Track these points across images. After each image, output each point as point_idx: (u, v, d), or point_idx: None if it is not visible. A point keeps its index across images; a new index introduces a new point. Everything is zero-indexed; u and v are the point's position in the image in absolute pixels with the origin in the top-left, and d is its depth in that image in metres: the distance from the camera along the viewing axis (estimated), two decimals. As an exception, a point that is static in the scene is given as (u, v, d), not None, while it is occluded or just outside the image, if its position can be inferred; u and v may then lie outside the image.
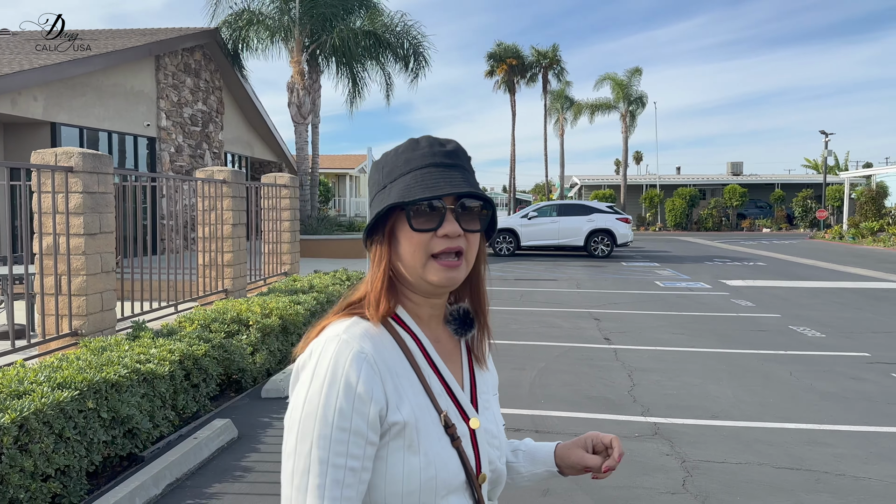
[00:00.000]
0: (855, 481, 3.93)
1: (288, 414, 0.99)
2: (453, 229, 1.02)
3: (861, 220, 29.08)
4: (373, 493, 0.99)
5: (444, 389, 1.07)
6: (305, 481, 0.94)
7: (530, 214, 20.53)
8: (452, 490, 1.02)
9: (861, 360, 7.02)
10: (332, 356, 0.97)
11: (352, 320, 1.05)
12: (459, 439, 1.04)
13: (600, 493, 3.71)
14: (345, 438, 0.95)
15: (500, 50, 38.60)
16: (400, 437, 0.99)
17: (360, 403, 0.96)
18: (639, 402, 5.43)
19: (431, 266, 1.03)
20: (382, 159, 1.10)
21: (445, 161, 1.05)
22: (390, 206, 1.03)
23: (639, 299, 11.45)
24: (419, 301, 1.08)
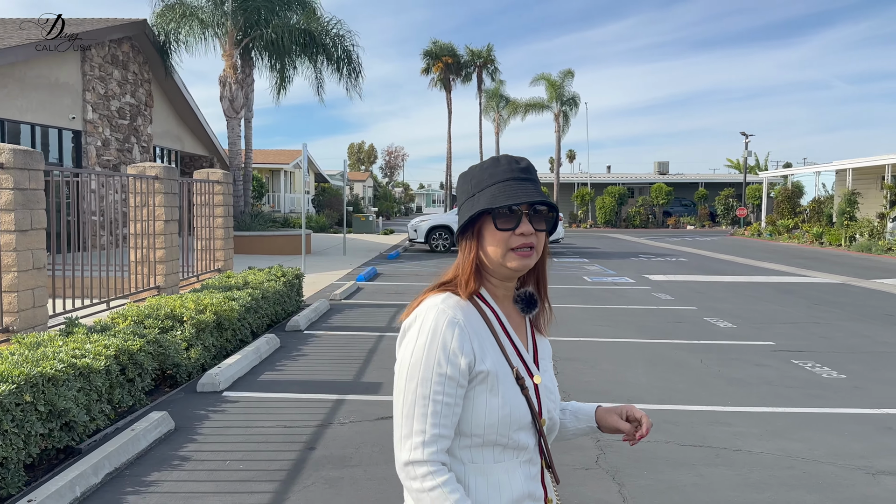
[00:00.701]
0: (749, 455, 4.36)
1: (398, 363, 1.33)
2: (528, 229, 1.34)
3: (778, 217, 30.74)
4: (463, 424, 1.31)
5: (514, 352, 1.39)
6: (412, 411, 1.28)
7: (465, 211, 20.90)
8: (522, 427, 1.34)
9: (766, 348, 7.60)
10: (432, 320, 1.31)
11: (445, 294, 1.36)
12: (527, 389, 1.36)
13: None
14: (441, 381, 1.28)
15: (435, 48, 38.90)
16: (484, 382, 1.31)
17: (453, 356, 1.29)
18: (560, 389, 5.78)
19: (510, 255, 1.35)
20: (470, 173, 1.42)
21: (520, 176, 1.37)
22: (480, 211, 1.34)
23: (567, 293, 11.92)
24: (497, 284, 1.41)
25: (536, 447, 1.39)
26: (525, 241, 1.34)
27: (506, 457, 1.34)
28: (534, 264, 1.39)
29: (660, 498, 3.71)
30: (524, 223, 1.35)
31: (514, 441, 1.34)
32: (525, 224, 1.35)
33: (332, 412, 5.06)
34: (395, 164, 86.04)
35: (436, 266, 16.26)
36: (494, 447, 1.33)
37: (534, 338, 1.47)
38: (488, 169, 1.39)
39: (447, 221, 20.73)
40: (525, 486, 1.35)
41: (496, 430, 1.32)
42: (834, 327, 8.94)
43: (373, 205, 53.54)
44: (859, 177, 28.32)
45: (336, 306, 9.97)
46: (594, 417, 1.59)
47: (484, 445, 1.33)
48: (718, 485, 3.90)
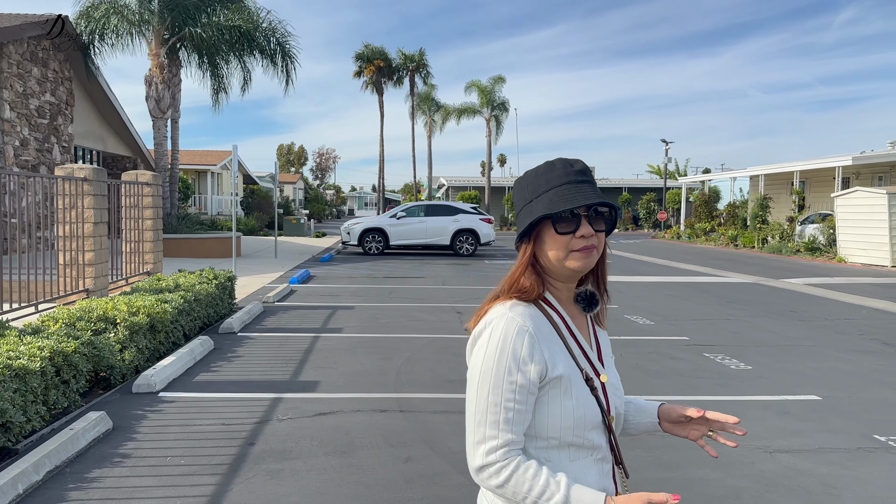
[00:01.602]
0: (662, 439, 4.74)
1: (470, 370, 1.37)
2: (588, 231, 1.37)
3: (696, 221, 32.25)
4: (539, 428, 1.36)
5: (581, 353, 1.43)
6: (484, 418, 1.32)
7: (399, 214, 21.08)
8: (594, 426, 1.38)
9: (681, 342, 8.13)
10: (502, 328, 1.34)
11: (512, 301, 1.39)
12: (597, 389, 1.40)
13: (453, 457, 4.26)
14: (512, 388, 1.32)
15: (367, 51, 38.95)
16: (557, 386, 1.35)
17: (523, 364, 1.32)
18: (492, 383, 6.07)
19: (572, 256, 1.37)
20: (525, 179, 1.44)
21: (577, 178, 1.38)
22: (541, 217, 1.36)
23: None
24: (559, 286, 1.44)
25: (607, 444, 1.43)
26: (586, 242, 1.36)
27: (580, 455, 1.38)
28: (594, 264, 1.41)
29: (581, 478, 4.03)
30: (584, 225, 1.36)
31: (588, 441, 1.38)
32: (585, 226, 1.36)
33: (270, 410, 5.18)
34: (327, 166, 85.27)
35: (370, 269, 16.39)
36: (570, 447, 1.37)
37: (595, 334, 1.51)
38: (544, 174, 1.41)
39: (380, 224, 20.87)
40: (599, 483, 1.39)
41: (572, 431, 1.36)
42: (743, 323, 9.60)
43: (304, 207, 52.94)
44: (771, 182, 30.09)
45: (270, 308, 9.99)
46: (657, 413, 1.58)
47: (560, 447, 1.37)
48: (633, 466, 4.25)
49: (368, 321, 9.12)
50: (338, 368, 6.51)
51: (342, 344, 7.62)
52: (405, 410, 5.24)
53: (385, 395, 5.62)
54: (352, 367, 6.55)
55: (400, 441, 4.55)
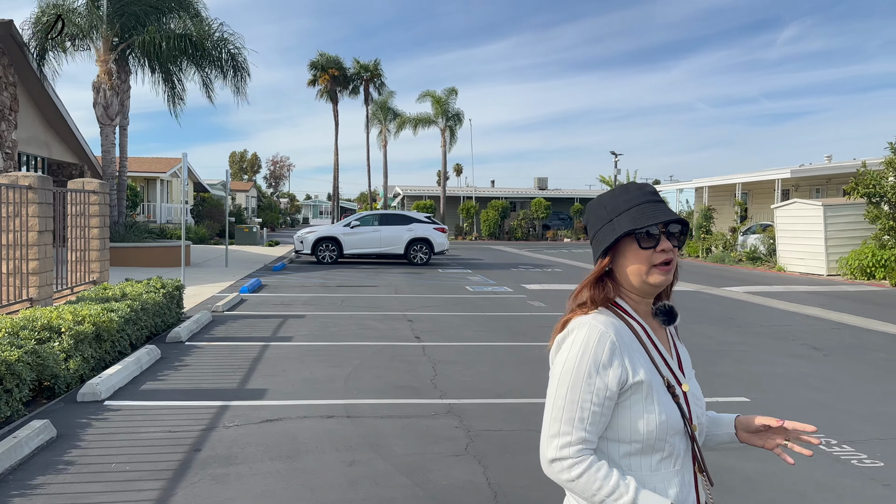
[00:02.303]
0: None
1: (553, 370, 1.46)
2: (667, 245, 1.47)
3: (644, 231, 33.04)
4: (621, 430, 1.43)
5: (662, 362, 1.49)
6: (560, 414, 1.40)
7: (353, 223, 21.12)
8: (676, 432, 1.44)
9: (622, 348, 8.44)
10: (584, 335, 1.42)
11: (597, 311, 1.48)
12: (677, 396, 1.47)
13: (397, 460, 4.40)
14: (591, 390, 1.40)
15: (322, 60, 38.91)
16: (639, 392, 1.42)
17: (603, 369, 1.40)
18: (438, 388, 6.24)
19: (653, 271, 1.46)
20: (603, 200, 1.54)
21: (652, 198, 1.49)
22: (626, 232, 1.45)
23: (450, 302, 12.47)
24: (638, 300, 1.52)
25: (689, 452, 1.47)
26: (666, 256, 1.46)
27: (662, 466, 1.44)
28: (671, 279, 1.51)
29: (518, 476, 4.22)
30: (664, 241, 1.46)
31: (670, 446, 1.43)
32: (664, 241, 1.46)
33: (216, 417, 5.23)
34: (281, 175, 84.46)
35: (323, 278, 16.39)
36: (653, 454, 1.43)
37: (676, 347, 1.58)
38: (621, 195, 1.51)
39: (334, 233, 20.87)
40: (680, 494, 1.44)
41: (655, 435, 1.41)
42: (683, 329, 9.98)
43: (256, 216, 52.33)
44: (715, 194, 31.09)
45: (219, 318, 9.96)
46: (733, 425, 1.63)
47: (643, 452, 1.43)
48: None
49: (319, 330, 9.18)
50: (286, 376, 6.58)
51: (292, 352, 7.68)
52: (352, 416, 5.36)
53: (333, 402, 5.72)
54: (300, 375, 6.63)
55: (346, 445, 4.67)
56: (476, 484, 4.07)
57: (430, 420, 5.28)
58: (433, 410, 5.55)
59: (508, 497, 3.90)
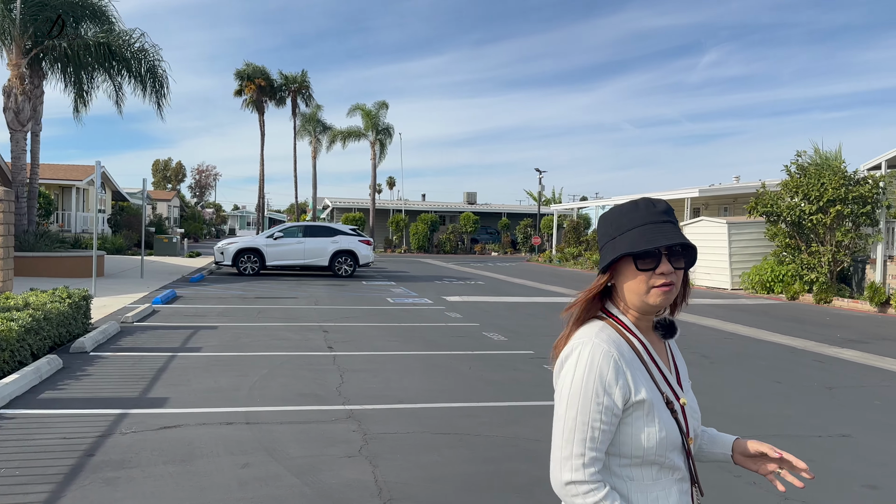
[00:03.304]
0: (486, 438, 5.29)
1: (558, 390, 1.48)
2: (667, 269, 1.45)
3: (566, 246, 34.10)
4: (623, 447, 1.46)
5: (661, 378, 1.52)
6: (572, 436, 1.42)
7: (276, 235, 20.98)
8: (674, 448, 1.48)
9: (526, 356, 8.82)
10: (588, 353, 1.44)
11: (600, 326, 1.50)
12: (677, 412, 1.50)
13: (290, 462, 4.58)
14: (599, 409, 1.41)
15: (248, 70, 38.48)
16: (640, 409, 1.44)
17: (609, 387, 1.42)
18: (343, 395, 6.43)
19: (653, 292, 1.46)
20: (609, 216, 1.54)
21: (659, 219, 1.47)
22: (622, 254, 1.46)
23: (369, 313, 12.64)
24: (639, 316, 1.53)
25: (686, 464, 1.51)
26: (665, 279, 1.45)
27: (662, 475, 1.48)
28: (673, 300, 1.52)
29: (406, 474, 4.46)
30: (664, 263, 1.44)
31: (669, 461, 1.47)
32: (665, 264, 1.45)
33: (113, 424, 5.27)
34: (206, 184, 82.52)
35: (242, 289, 16.26)
36: (652, 466, 1.47)
37: (674, 359, 1.61)
38: (627, 213, 1.49)
39: (256, 244, 20.68)
40: (680, 501, 1.49)
41: (654, 451, 1.45)
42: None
43: (179, 226, 50.98)
44: (632, 211, 32.35)
45: (127, 329, 9.83)
46: (730, 447, 1.66)
47: (643, 465, 1.46)
48: (455, 460, 4.74)
49: (230, 340, 9.20)
50: (190, 386, 6.62)
51: (199, 362, 7.71)
52: (251, 423, 5.48)
53: (234, 409, 5.83)
54: (205, 385, 6.69)
55: (241, 450, 4.81)
56: (364, 482, 4.29)
57: (329, 425, 5.47)
58: (334, 416, 5.74)
59: (393, 492, 4.14)
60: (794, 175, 18.07)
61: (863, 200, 16.73)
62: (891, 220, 17.01)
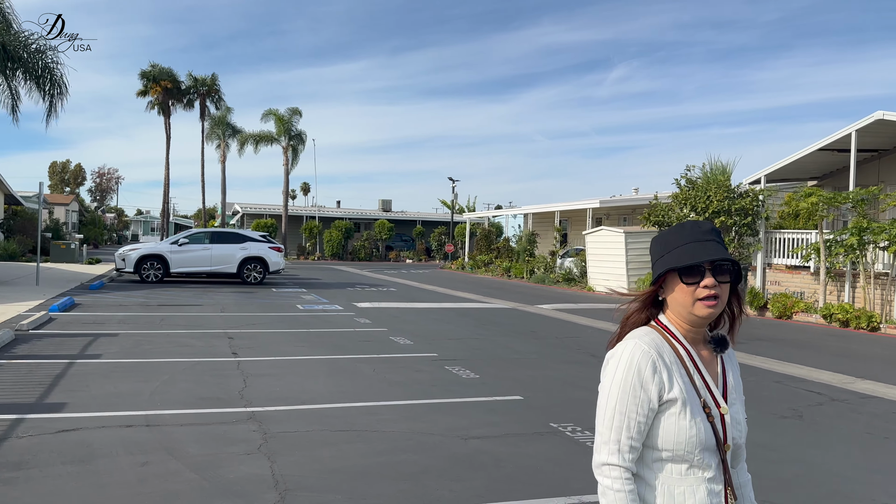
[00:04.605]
0: (383, 434, 5.63)
1: (602, 383, 1.66)
2: (710, 282, 1.62)
3: (478, 253, 34.92)
4: (655, 440, 1.62)
5: (703, 384, 1.66)
6: (611, 423, 1.61)
7: (181, 241, 20.54)
8: (707, 448, 1.61)
9: (430, 358, 9.22)
10: (629, 352, 1.63)
11: (645, 331, 1.68)
12: (713, 416, 1.63)
13: (190, 460, 4.76)
14: (636, 402, 1.60)
15: (154, 71, 37.34)
16: (674, 406, 1.60)
17: (646, 383, 1.60)
18: (245, 398, 6.61)
19: (698, 305, 1.63)
20: (661, 237, 1.73)
21: (704, 237, 1.66)
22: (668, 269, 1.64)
23: (277, 320, 12.71)
24: (689, 328, 1.69)
25: (720, 468, 1.63)
26: (709, 292, 1.61)
27: (691, 474, 1.60)
28: (719, 313, 1.66)
29: (303, 468, 4.74)
30: (707, 277, 1.61)
31: (699, 460, 1.60)
32: (709, 278, 1.61)
33: (9, 429, 5.26)
34: (108, 188, 78.94)
35: (145, 297, 15.90)
36: (682, 463, 1.60)
37: (725, 375, 1.73)
38: (675, 233, 1.69)
39: (160, 251, 20.19)
40: (707, 501, 1.60)
41: (684, 447, 1.59)
42: (488, 341, 11.01)
43: (78, 231, 48.59)
44: (540, 220, 33.61)
45: (23, 336, 9.55)
46: None
47: (673, 460, 1.61)
48: (351, 454, 5.06)
49: (132, 347, 9.13)
50: (89, 391, 6.62)
51: (98, 369, 7.66)
52: (152, 425, 5.60)
53: (134, 413, 5.91)
54: (104, 390, 6.70)
55: (140, 450, 4.94)
56: (261, 475, 4.54)
57: (229, 426, 5.66)
58: (235, 418, 5.93)
59: (288, 483, 4.41)
60: (683, 188, 19.39)
61: (744, 212, 18.18)
62: (769, 230, 18.58)
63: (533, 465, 5.03)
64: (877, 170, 19.10)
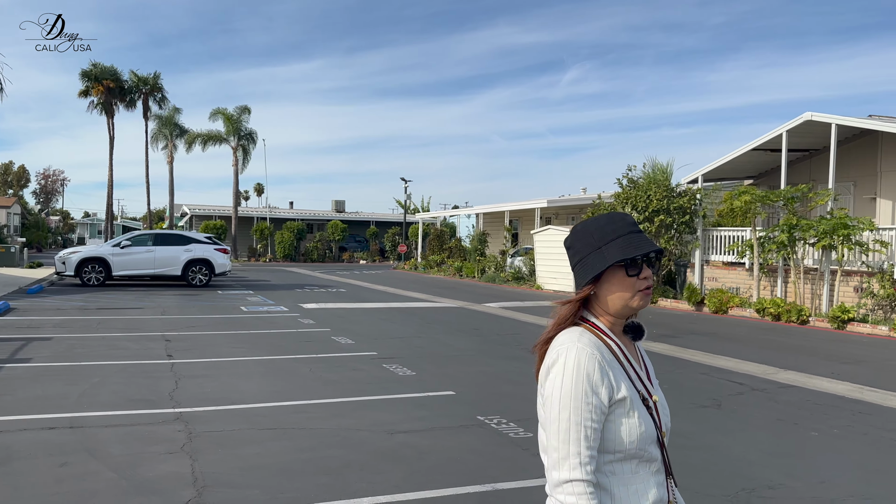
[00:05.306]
0: (310, 431, 5.71)
1: (549, 394, 1.56)
2: (649, 273, 1.62)
3: (431, 253, 35.07)
4: (608, 443, 1.56)
5: (636, 377, 1.64)
6: (567, 436, 1.51)
7: (123, 243, 20.14)
8: (652, 441, 1.60)
9: (369, 357, 9.30)
10: (575, 357, 1.55)
11: (580, 331, 1.61)
12: (651, 408, 1.62)
13: (111, 460, 4.77)
14: (589, 409, 1.53)
15: (96, 70, 36.39)
16: (622, 406, 1.56)
17: (596, 388, 1.54)
18: (175, 400, 6.60)
19: (637, 296, 1.62)
20: (589, 228, 1.65)
21: (634, 229, 1.63)
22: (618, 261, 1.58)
23: (218, 322, 12.61)
24: (614, 321, 1.66)
25: (662, 457, 1.64)
26: (648, 283, 1.61)
27: (641, 469, 1.59)
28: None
29: (224, 464, 4.80)
30: (645, 269, 1.61)
31: (648, 454, 1.59)
32: (646, 269, 1.62)
33: (-76, 436, 5.18)
34: (53, 190, 76.60)
35: (85, 301, 15.58)
36: (633, 460, 1.58)
37: (643, 359, 1.74)
38: (608, 225, 1.63)
39: (101, 253, 19.76)
40: (658, 493, 1.61)
41: (636, 445, 1.56)
42: (431, 339, 11.15)
43: (21, 235, 47.06)
44: (491, 220, 33.94)
45: (-50, 342, 9.31)
46: None
47: (625, 459, 1.57)
48: (275, 451, 5.13)
49: (64, 351, 8.99)
50: (15, 395, 6.53)
51: (27, 373, 7.54)
52: (75, 427, 5.57)
53: (58, 416, 5.87)
54: (31, 394, 6.62)
55: (61, 451, 4.93)
56: (181, 474, 4.58)
57: (155, 427, 5.67)
58: (162, 419, 5.93)
59: (206, 481, 4.46)
60: (625, 188, 19.88)
61: (683, 211, 18.75)
62: (707, 228, 19.19)
63: (454, 456, 5.18)
64: (808, 169, 19.91)
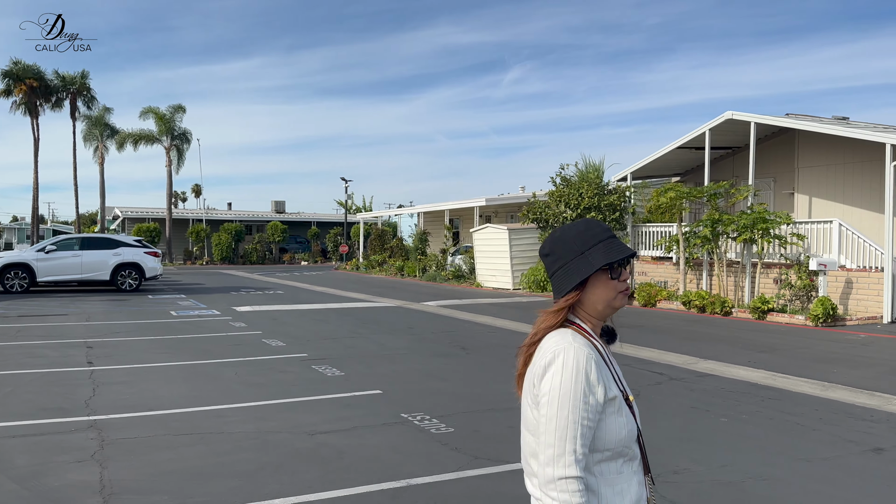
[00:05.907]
0: (228, 435, 5.64)
1: (546, 393, 1.58)
2: (627, 275, 1.71)
3: (372, 253, 34.94)
4: (598, 441, 1.59)
5: (618, 377, 1.69)
6: (564, 434, 1.54)
7: (48, 248, 19.39)
8: (634, 439, 1.65)
9: (299, 359, 9.23)
10: (573, 356, 1.58)
11: (571, 332, 1.65)
12: (632, 407, 1.68)
13: (15, 471, 4.63)
14: (587, 408, 1.56)
15: (17, 69, 34.82)
16: (612, 405, 1.60)
17: (594, 387, 1.58)
18: (90, 408, 6.42)
19: (619, 297, 1.68)
20: (571, 234, 1.70)
21: (612, 234, 1.69)
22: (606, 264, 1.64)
23: (144, 327, 12.29)
24: (596, 323, 1.71)
25: (641, 455, 1.69)
26: (626, 285, 1.69)
27: (625, 468, 1.64)
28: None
29: (134, 471, 4.71)
30: (625, 271, 1.70)
31: (632, 452, 1.64)
32: (625, 272, 1.70)
33: None
34: (-25, 194, 72.82)
35: (5, 308, 14.95)
36: (619, 459, 1.62)
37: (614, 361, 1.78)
38: (587, 231, 1.69)
39: (25, 259, 18.99)
40: (639, 491, 1.65)
41: (623, 443, 1.61)
42: (364, 339, 11.13)
43: (-62, 241, 44.72)
44: (432, 219, 34.03)
45: None
46: None
47: (612, 458, 1.61)
48: (189, 456, 5.07)
49: (-25, 361, 8.62)
50: (-85, 409, 6.24)
51: (-69, 385, 7.21)
52: (-21, 438, 5.37)
53: (-39, 428, 5.64)
54: (-67, 406, 6.33)
55: (-40, 465, 4.74)
56: (88, 482, 4.48)
57: (66, 435, 5.51)
58: (74, 427, 5.77)
59: (115, 488, 4.38)
60: (559, 186, 20.26)
61: (613, 208, 19.23)
62: (637, 224, 19.73)
63: (373, 454, 5.21)
64: (731, 166, 20.69)
